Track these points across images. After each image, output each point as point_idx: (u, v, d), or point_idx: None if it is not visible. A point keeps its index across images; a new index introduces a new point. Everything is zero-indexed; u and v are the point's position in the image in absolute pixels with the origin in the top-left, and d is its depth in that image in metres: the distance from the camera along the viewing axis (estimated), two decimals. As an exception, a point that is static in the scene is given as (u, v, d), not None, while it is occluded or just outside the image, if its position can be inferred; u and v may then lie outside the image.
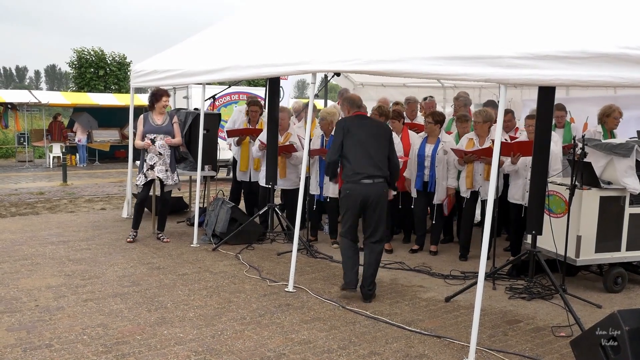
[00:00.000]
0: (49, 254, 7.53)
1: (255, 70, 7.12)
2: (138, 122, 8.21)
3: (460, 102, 8.98)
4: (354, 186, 5.81)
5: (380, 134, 5.98)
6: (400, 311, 5.68)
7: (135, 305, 5.65)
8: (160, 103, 8.18)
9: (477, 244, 7.79)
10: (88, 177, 17.59)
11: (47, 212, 10.82)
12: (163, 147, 8.14)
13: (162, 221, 8.53)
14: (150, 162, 8.11)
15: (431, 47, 5.15)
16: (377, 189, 5.82)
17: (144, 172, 8.14)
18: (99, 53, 31.72)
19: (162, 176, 8.15)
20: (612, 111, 8.06)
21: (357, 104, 6.32)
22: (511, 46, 4.44)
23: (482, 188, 7.42)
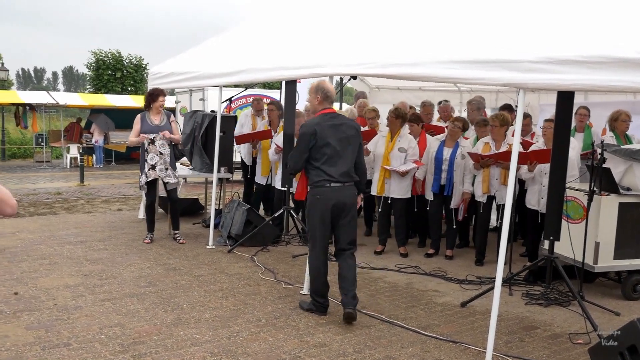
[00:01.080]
0: (66, 254, 7.59)
1: (271, 73, 7.15)
2: (135, 122, 8.21)
3: (472, 106, 8.94)
4: (324, 190, 5.37)
5: (351, 136, 5.46)
6: (416, 315, 5.66)
7: (151, 305, 5.69)
8: (157, 103, 8.20)
9: (493, 249, 7.77)
10: (105, 178, 17.72)
11: (64, 212, 10.92)
12: (163, 146, 8.17)
13: (175, 220, 8.58)
14: (151, 162, 8.14)
15: (448, 50, 5.14)
16: (349, 192, 5.44)
17: (145, 172, 8.16)
18: (116, 55, 31.97)
19: (163, 175, 8.18)
20: (619, 115, 8.02)
21: (332, 98, 5.61)
22: (530, 50, 4.41)
23: (499, 193, 7.39)
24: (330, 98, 5.56)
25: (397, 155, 7.79)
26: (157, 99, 8.20)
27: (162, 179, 8.20)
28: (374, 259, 7.81)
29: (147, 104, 8.30)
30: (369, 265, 7.47)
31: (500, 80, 4.61)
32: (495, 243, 7.45)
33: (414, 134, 8.13)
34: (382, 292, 6.39)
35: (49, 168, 20.54)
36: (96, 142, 21.53)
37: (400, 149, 7.79)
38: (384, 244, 8.20)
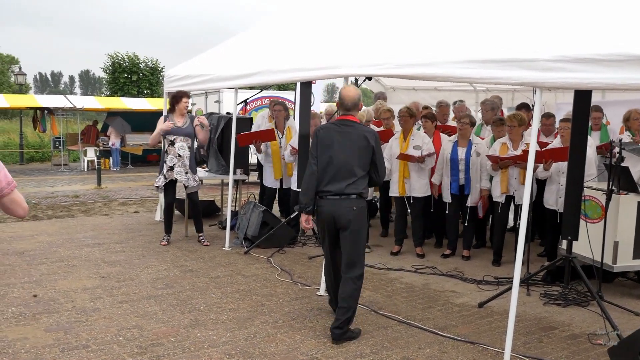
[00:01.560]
0: (84, 256, 7.66)
1: (286, 74, 7.16)
2: (158, 123, 8.25)
3: (486, 106, 8.89)
4: (323, 202, 5.01)
5: (362, 147, 4.96)
6: (433, 316, 5.65)
7: (169, 307, 5.72)
8: (181, 104, 8.24)
9: (510, 249, 7.72)
10: (121, 181, 17.85)
11: (82, 214, 11.01)
12: (182, 149, 8.21)
13: (199, 223, 8.61)
14: (170, 164, 8.18)
15: (463, 50, 5.12)
16: (345, 205, 4.92)
17: (163, 173, 8.20)
18: (133, 58, 32.21)
19: (181, 178, 8.20)
20: (630, 113, 7.96)
21: (347, 105, 5.12)
22: (546, 49, 4.38)
23: (517, 192, 7.35)
24: (345, 105, 5.12)
25: (412, 152, 7.77)
26: (181, 100, 8.24)
27: (183, 182, 8.24)
28: (390, 260, 7.80)
29: (171, 106, 8.34)
30: (385, 266, 7.46)
31: (517, 79, 4.58)
32: (513, 243, 7.40)
33: (427, 132, 8.11)
34: (399, 293, 6.38)
35: (67, 171, 20.74)
36: (113, 144, 21.72)
37: (415, 147, 7.78)
38: (400, 244, 8.18)
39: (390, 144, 8.07)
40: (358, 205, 4.97)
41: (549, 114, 8.52)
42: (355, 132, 5.01)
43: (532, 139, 4.59)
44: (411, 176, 7.83)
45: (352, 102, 5.13)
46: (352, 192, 4.95)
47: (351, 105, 5.13)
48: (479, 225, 8.42)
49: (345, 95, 5.14)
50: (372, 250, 8.26)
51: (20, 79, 27.40)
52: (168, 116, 8.29)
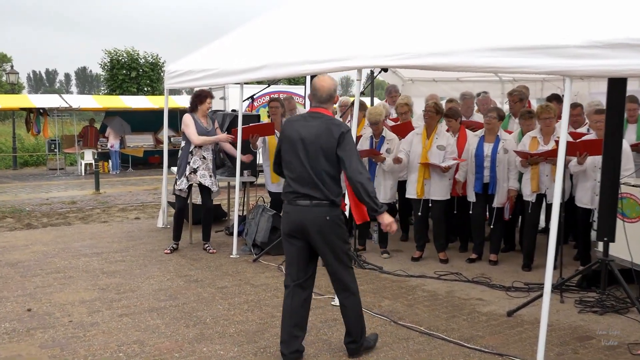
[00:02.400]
0: (82, 267, 7.71)
1: (295, 67, 7.17)
2: (187, 121, 8.23)
3: (515, 97, 8.83)
4: (291, 208, 4.71)
5: (323, 144, 4.57)
6: (458, 326, 5.62)
7: (172, 320, 5.74)
8: (205, 105, 8.28)
9: (542, 253, 7.67)
10: (121, 185, 17.96)
11: (79, 222, 11.09)
12: (207, 150, 8.27)
13: (208, 231, 8.66)
14: (194, 166, 8.21)
15: (486, 37, 5.10)
16: (316, 215, 4.59)
17: (186, 175, 8.21)
18: (131, 53, 32.39)
19: (206, 182, 8.25)
20: None
21: (320, 96, 4.76)
22: (576, 34, 4.36)
23: (549, 191, 7.29)
24: (317, 96, 4.76)
25: (436, 153, 7.75)
26: (205, 101, 8.29)
27: (209, 186, 8.28)
28: (411, 266, 7.78)
29: (194, 106, 8.36)
30: (405, 272, 7.44)
31: (544, 67, 4.56)
32: (545, 246, 7.34)
33: (452, 130, 8.08)
34: (421, 302, 6.36)
35: (63, 176, 20.89)
36: (111, 146, 21.83)
37: (439, 146, 7.75)
38: (422, 249, 8.16)
39: (411, 139, 8.04)
40: (332, 214, 4.61)
41: (576, 104, 8.45)
42: (321, 126, 4.62)
43: (562, 131, 4.56)
44: (432, 177, 7.80)
45: (327, 94, 4.78)
46: (324, 198, 4.59)
47: (325, 98, 4.78)
48: (508, 227, 8.37)
49: (320, 86, 4.78)
50: (391, 255, 8.25)
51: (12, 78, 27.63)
52: (193, 115, 8.31)
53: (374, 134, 8.11)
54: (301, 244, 4.73)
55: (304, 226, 4.62)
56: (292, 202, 4.68)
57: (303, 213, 4.62)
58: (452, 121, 8.16)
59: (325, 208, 4.60)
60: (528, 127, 7.84)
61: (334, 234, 4.64)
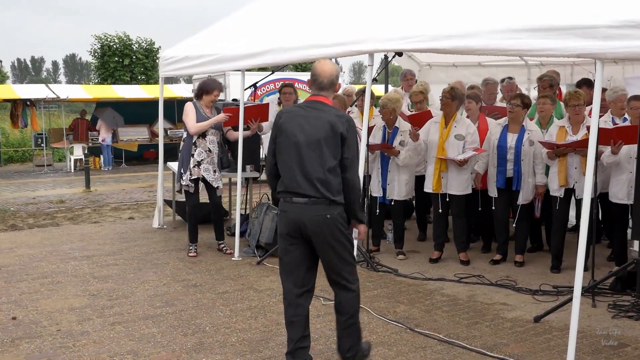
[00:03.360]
0: (71, 271, 7.75)
1: (301, 52, 7.17)
2: (187, 109, 8.28)
3: (544, 82, 8.79)
4: (288, 206, 4.69)
5: (325, 137, 4.57)
6: (480, 334, 5.63)
7: (169, 329, 5.76)
8: (210, 97, 8.27)
9: (572, 253, 7.64)
10: (114, 182, 18.03)
11: (68, 223, 11.14)
12: (213, 143, 8.31)
13: (220, 229, 8.75)
14: (198, 158, 8.24)
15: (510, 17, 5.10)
16: (314, 213, 4.58)
17: (190, 167, 8.25)
18: (124, 39, 32.45)
19: (209, 177, 8.29)
20: None
21: (321, 82, 4.72)
22: (608, 13, 4.35)
23: (578, 185, 7.27)
24: (317, 83, 4.74)
25: (453, 143, 7.73)
26: (212, 92, 8.29)
27: (211, 182, 8.33)
28: (429, 268, 7.79)
29: (199, 94, 8.39)
30: (423, 275, 7.44)
31: (573, 50, 4.56)
32: (575, 245, 7.33)
33: (471, 116, 8.05)
34: (440, 307, 6.37)
35: (51, 172, 20.99)
36: (103, 140, 21.88)
37: (457, 136, 7.73)
38: (441, 249, 8.16)
39: (428, 128, 8.03)
40: (333, 212, 4.60)
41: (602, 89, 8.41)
42: (322, 118, 4.61)
43: (593, 119, 4.55)
44: (449, 169, 7.79)
45: (328, 80, 4.72)
46: (322, 196, 4.57)
47: (327, 84, 4.73)
48: (534, 225, 8.35)
49: (320, 71, 4.73)
50: (407, 257, 8.25)
51: (-5, 67, 27.74)
52: (196, 103, 8.34)
53: (387, 124, 8.10)
54: (301, 247, 4.70)
55: (303, 225, 4.60)
56: (288, 200, 4.67)
57: (302, 211, 4.60)
58: (472, 103, 8.13)
59: (324, 206, 4.58)
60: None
61: (335, 234, 4.63)
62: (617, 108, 7.91)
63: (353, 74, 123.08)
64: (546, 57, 7.89)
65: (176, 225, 10.39)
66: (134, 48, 32.68)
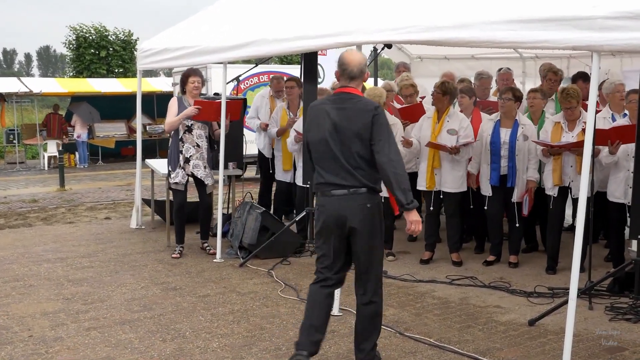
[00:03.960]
0: (44, 274, 7.72)
1: (286, 44, 7.16)
2: (170, 105, 8.33)
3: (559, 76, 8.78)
4: (326, 200, 4.78)
5: (358, 121, 4.65)
6: (473, 338, 5.64)
7: (147, 334, 5.75)
8: (189, 85, 8.28)
9: (569, 253, 7.67)
10: (90, 180, 17.96)
11: (41, 223, 11.09)
12: (200, 137, 8.30)
13: (206, 228, 8.75)
14: (186, 154, 8.23)
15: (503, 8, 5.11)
16: (356, 204, 4.69)
17: (180, 164, 8.25)
18: (100, 30, 32.30)
19: (200, 174, 8.28)
20: None
21: (350, 72, 4.78)
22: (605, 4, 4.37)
23: (574, 183, 7.30)
24: (347, 72, 4.78)
25: (446, 138, 7.75)
26: (187, 80, 8.29)
27: (202, 178, 8.33)
28: (420, 269, 7.81)
29: (182, 88, 8.43)
30: (413, 277, 7.46)
31: (568, 42, 4.58)
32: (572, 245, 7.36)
33: (465, 111, 8.07)
34: (431, 310, 6.39)
35: (23, 170, 20.90)
36: (78, 137, 21.80)
37: (449, 130, 7.75)
38: (432, 250, 8.19)
39: (421, 124, 8.05)
40: (372, 202, 4.73)
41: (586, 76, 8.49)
42: (353, 107, 4.70)
43: (589, 117, 4.57)
44: (442, 166, 7.81)
45: (358, 69, 4.78)
46: (361, 185, 4.68)
47: (357, 73, 4.79)
48: (529, 225, 8.38)
49: (349, 60, 4.79)
50: (397, 258, 8.26)
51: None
52: (182, 97, 8.34)
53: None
54: (339, 240, 4.80)
55: (344, 217, 4.68)
56: (326, 194, 4.75)
57: (341, 203, 4.69)
58: (465, 98, 8.15)
59: (364, 195, 4.68)
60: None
61: (375, 224, 4.74)
62: (615, 101, 7.94)
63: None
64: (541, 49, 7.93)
65: (155, 225, 10.36)
66: (111, 39, 32.54)
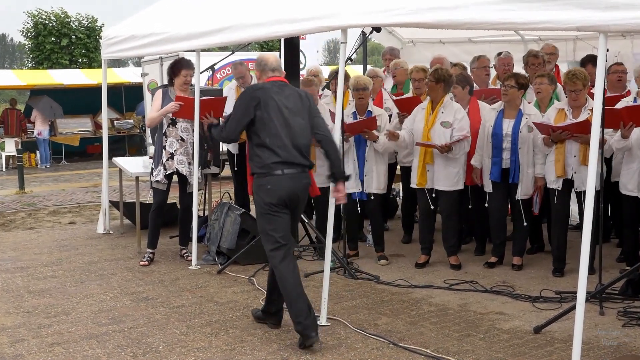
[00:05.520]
0: (2, 285, 7.68)
1: (264, 29, 7.14)
2: (154, 97, 8.33)
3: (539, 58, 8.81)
4: (277, 179, 5.74)
5: (303, 105, 5.91)
6: (473, 347, 5.66)
7: (116, 349, 5.73)
8: (180, 79, 8.24)
9: (577, 254, 7.70)
10: (52, 182, 17.89)
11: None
12: (186, 130, 8.29)
13: (186, 234, 8.71)
14: (170, 150, 8.22)
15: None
16: (305, 183, 5.90)
17: (163, 162, 8.25)
18: (61, 16, 32.16)
19: (183, 170, 8.28)
20: None
21: (272, 66, 6.04)
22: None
23: (578, 175, 7.30)
24: (268, 66, 6.01)
25: (439, 131, 7.75)
26: (179, 73, 8.26)
27: (186, 174, 8.33)
28: (415, 274, 7.82)
29: (170, 79, 8.42)
30: (408, 282, 7.47)
31: (573, 22, 4.59)
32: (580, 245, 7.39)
33: (460, 102, 8.05)
34: (427, 318, 6.40)
35: (-22, 172, 20.77)
36: (39, 134, 21.69)
37: (443, 123, 7.75)
38: (428, 253, 8.20)
39: (414, 115, 8.05)
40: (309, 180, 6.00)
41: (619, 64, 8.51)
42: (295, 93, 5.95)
43: (596, 99, 4.59)
44: (435, 162, 7.80)
45: (277, 62, 6.07)
46: (307, 165, 5.87)
47: (277, 65, 6.05)
48: (534, 223, 8.39)
49: (266, 57, 6.15)
50: (389, 261, 8.27)
51: None
52: (168, 90, 8.32)
53: (357, 110, 8.13)
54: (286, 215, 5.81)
55: (296, 195, 5.81)
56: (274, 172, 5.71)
57: (294, 181, 5.77)
58: (458, 88, 8.11)
59: (307, 174, 5.90)
60: None
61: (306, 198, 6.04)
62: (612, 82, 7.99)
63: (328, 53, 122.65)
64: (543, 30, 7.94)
65: (124, 230, 10.34)
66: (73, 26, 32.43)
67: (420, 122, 7.89)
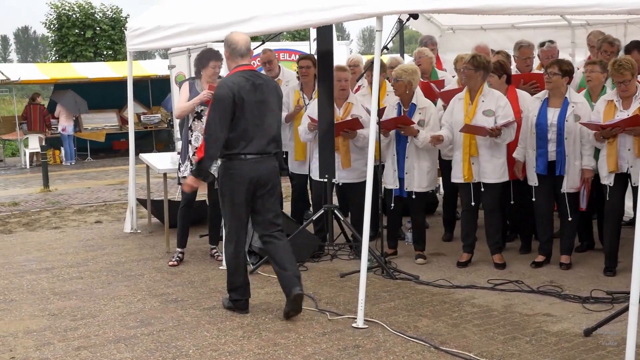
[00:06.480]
0: (27, 287, 7.76)
1: (293, 18, 7.15)
2: (182, 90, 8.38)
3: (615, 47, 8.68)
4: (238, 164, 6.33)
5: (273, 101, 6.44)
6: (519, 351, 5.62)
7: (144, 353, 5.77)
8: (208, 70, 8.23)
9: (630, 251, 7.62)
10: (77, 179, 18.05)
11: (23, 229, 11.17)
12: None
13: (216, 232, 8.73)
14: (195, 144, 8.25)
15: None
16: (270, 167, 6.44)
17: (189, 157, 8.30)
18: (85, 7, 32.40)
19: None
20: None
21: (241, 51, 6.33)
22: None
23: (634, 169, 7.23)
24: (238, 51, 6.27)
25: (482, 121, 7.68)
26: (208, 64, 8.24)
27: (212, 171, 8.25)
28: (457, 273, 7.79)
29: (197, 71, 8.44)
30: (449, 282, 7.44)
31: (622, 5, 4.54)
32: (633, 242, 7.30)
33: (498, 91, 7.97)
34: (470, 320, 6.37)
35: (2, 170, 21.02)
36: (63, 130, 21.82)
37: (486, 112, 7.68)
38: (470, 251, 8.16)
39: (452, 107, 8.00)
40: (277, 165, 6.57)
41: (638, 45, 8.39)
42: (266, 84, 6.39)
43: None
44: (480, 154, 7.75)
45: (246, 46, 6.29)
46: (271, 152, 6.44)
47: (245, 51, 6.28)
48: (584, 219, 8.31)
49: (236, 39, 6.30)
50: (428, 260, 8.23)
51: None
52: (195, 82, 8.37)
53: (402, 101, 8.08)
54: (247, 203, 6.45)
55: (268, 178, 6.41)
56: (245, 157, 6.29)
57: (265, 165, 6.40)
58: (494, 77, 8.02)
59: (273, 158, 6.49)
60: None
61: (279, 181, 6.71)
62: None
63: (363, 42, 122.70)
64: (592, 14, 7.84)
65: (152, 229, 10.39)
66: (97, 18, 32.67)
67: (459, 113, 7.83)
